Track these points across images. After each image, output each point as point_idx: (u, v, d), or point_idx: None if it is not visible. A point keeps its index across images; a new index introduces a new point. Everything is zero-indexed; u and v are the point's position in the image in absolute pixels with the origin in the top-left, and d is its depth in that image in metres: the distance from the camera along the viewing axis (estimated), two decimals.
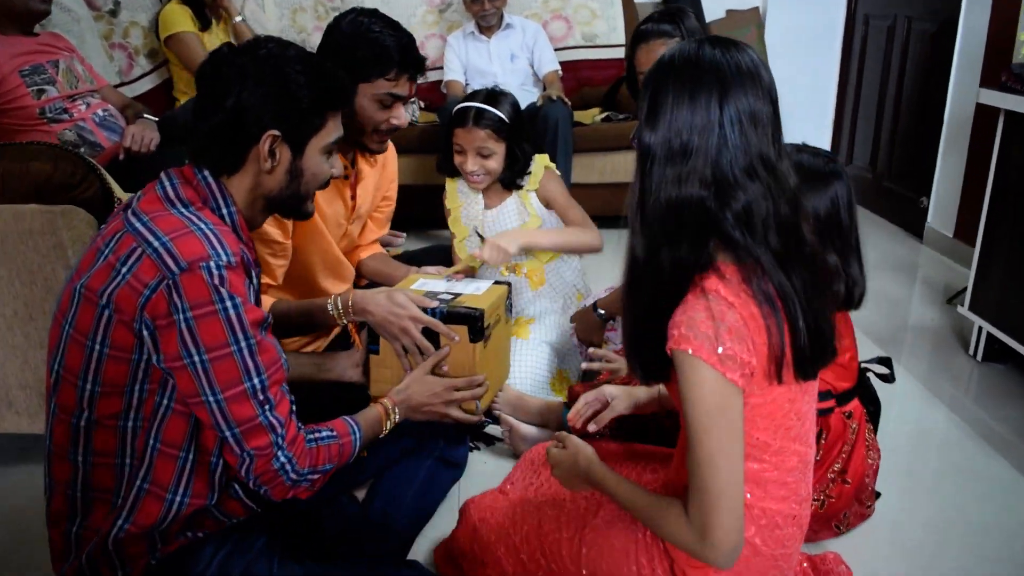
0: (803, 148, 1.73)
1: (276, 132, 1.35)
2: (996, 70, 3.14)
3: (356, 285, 2.34)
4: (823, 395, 1.70)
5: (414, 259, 2.64)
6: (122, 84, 3.27)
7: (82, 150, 2.50)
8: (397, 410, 1.65)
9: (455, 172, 2.42)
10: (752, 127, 1.12)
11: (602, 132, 3.74)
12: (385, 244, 2.89)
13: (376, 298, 1.74)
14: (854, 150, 4.52)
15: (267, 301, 1.85)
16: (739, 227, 1.11)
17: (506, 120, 2.28)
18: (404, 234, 2.93)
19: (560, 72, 3.98)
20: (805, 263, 1.16)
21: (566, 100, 3.63)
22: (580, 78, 4.16)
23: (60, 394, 1.29)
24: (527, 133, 2.40)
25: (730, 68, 1.13)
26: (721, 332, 1.08)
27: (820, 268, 1.19)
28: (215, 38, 3.41)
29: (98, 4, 3.25)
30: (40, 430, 2.03)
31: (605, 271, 2.98)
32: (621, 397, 1.69)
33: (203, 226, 1.26)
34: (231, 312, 1.22)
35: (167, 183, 1.33)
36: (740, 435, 1.12)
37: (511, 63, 3.94)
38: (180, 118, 2.75)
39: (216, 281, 1.21)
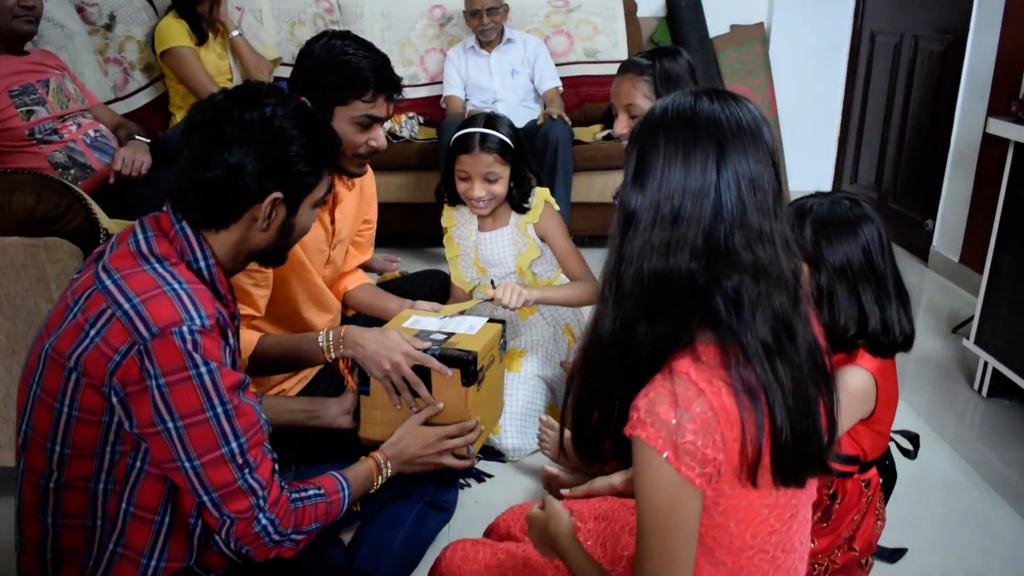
0: (823, 195, 1.64)
1: (279, 195, 1.32)
2: (1005, 93, 3.09)
3: (344, 316, 2.30)
4: (851, 459, 1.64)
5: (409, 283, 2.60)
6: (117, 99, 3.23)
7: (72, 172, 2.46)
8: (389, 464, 1.63)
9: (457, 200, 2.37)
10: (751, 194, 0.99)
11: (603, 151, 3.69)
12: (380, 270, 2.83)
13: (368, 333, 1.73)
14: (859, 169, 4.46)
15: (253, 336, 1.81)
16: (727, 307, 0.99)
17: (509, 143, 2.24)
18: (399, 259, 2.87)
19: (561, 88, 3.93)
20: (798, 357, 1.02)
21: (567, 119, 3.58)
22: (581, 94, 4.11)
23: (29, 455, 1.26)
24: (528, 154, 2.36)
25: (729, 125, 0.99)
26: (684, 422, 0.95)
27: (819, 365, 1.06)
28: (212, 52, 3.37)
29: (93, 19, 3.21)
30: None
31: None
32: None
33: (176, 286, 1.21)
34: (206, 378, 1.18)
35: (140, 236, 1.28)
36: (692, 538, 1.01)
37: (511, 78, 3.89)
38: (172, 140, 2.69)
39: (189, 347, 1.17)
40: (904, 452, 1.87)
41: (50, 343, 1.22)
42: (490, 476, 2.22)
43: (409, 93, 3.99)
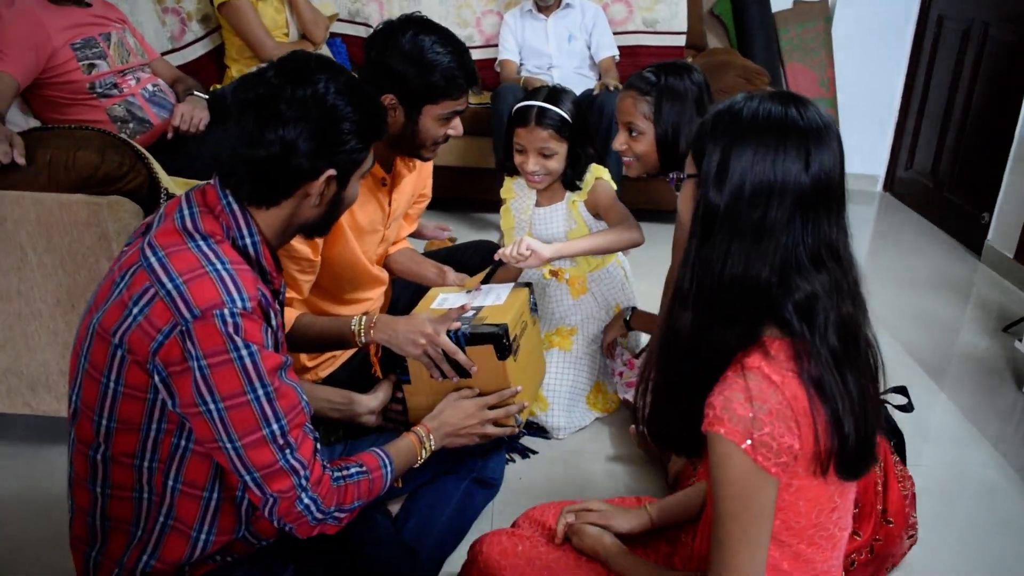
0: None
1: (333, 172, 1.31)
2: None
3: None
4: None
5: (459, 253, 2.60)
6: (174, 50, 3.22)
7: (131, 126, 2.47)
8: (432, 438, 1.62)
9: (515, 171, 2.35)
10: (827, 206, 1.05)
11: None
12: (431, 236, 2.84)
13: (398, 320, 1.74)
14: (915, 155, 4.36)
15: (291, 315, 1.83)
16: (798, 317, 1.04)
17: (569, 120, 2.21)
18: (450, 228, 2.87)
19: (617, 58, 3.86)
20: (862, 364, 1.08)
21: None
22: (638, 64, 4.00)
23: (78, 426, 1.27)
24: (589, 132, 2.33)
25: (816, 136, 1.04)
26: (759, 415, 1.01)
27: (875, 368, 1.12)
28: (269, 6, 3.34)
29: None
30: None
31: (652, 284, 2.90)
32: (611, 512, 1.48)
33: (219, 266, 1.20)
34: (247, 360, 1.18)
35: (186, 211, 1.26)
36: (768, 523, 1.06)
37: (568, 44, 3.82)
38: (230, 95, 2.68)
39: (231, 329, 1.16)
40: (900, 408, 1.85)
41: (97, 318, 1.22)
42: (535, 452, 2.24)
43: None
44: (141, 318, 1.18)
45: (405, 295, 2.38)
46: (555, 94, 2.25)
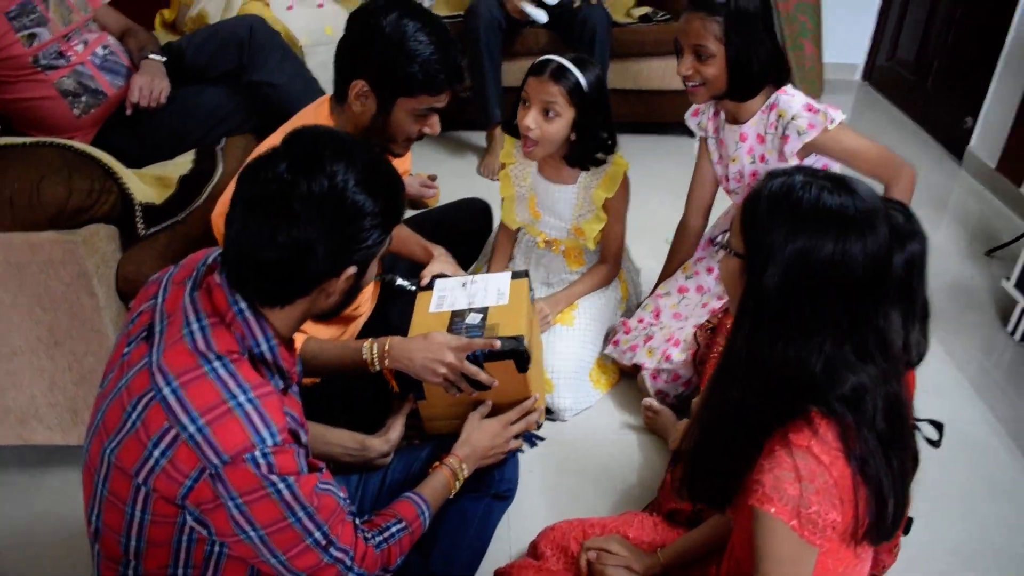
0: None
1: (355, 270, 1.23)
2: None
3: None
4: None
5: (451, 216, 2.48)
6: None
7: (83, 99, 2.21)
8: (465, 466, 1.65)
9: (515, 131, 2.21)
10: (875, 298, 1.07)
11: (640, 36, 3.42)
12: (417, 195, 2.69)
13: (412, 344, 1.69)
14: (899, 45, 4.20)
15: (299, 339, 1.74)
16: (843, 406, 1.07)
17: (584, 87, 2.07)
18: (436, 185, 2.70)
19: None
20: (903, 436, 1.12)
21: (605, 4, 3.27)
22: None
23: (104, 544, 1.23)
24: (606, 112, 2.18)
25: (868, 227, 1.05)
26: (807, 495, 1.05)
27: (913, 442, 1.17)
28: None
29: None
30: (71, 441, 2.00)
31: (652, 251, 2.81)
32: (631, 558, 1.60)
33: (242, 397, 1.12)
34: (284, 493, 1.15)
35: (195, 325, 1.16)
36: None
37: None
38: (188, 51, 2.41)
39: (264, 471, 1.11)
40: (930, 442, 1.89)
41: (112, 448, 1.15)
42: (542, 439, 2.23)
43: None
44: (164, 462, 1.11)
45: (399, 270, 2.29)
46: (582, 60, 2.11)
